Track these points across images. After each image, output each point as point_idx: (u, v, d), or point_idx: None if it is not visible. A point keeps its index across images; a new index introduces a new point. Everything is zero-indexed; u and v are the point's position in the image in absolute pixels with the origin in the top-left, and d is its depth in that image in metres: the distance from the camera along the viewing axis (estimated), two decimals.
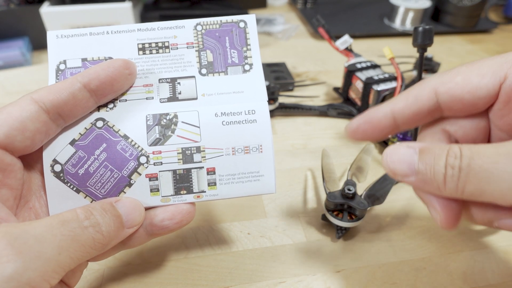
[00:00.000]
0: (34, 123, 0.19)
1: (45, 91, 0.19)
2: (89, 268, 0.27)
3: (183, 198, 0.22)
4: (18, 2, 0.55)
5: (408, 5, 0.63)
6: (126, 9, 0.53)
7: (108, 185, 0.21)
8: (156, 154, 0.22)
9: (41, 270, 0.15)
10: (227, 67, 0.23)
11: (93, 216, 0.18)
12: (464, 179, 0.16)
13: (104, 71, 0.20)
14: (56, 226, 0.16)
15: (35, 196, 0.21)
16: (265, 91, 0.23)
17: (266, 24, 0.66)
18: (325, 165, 0.32)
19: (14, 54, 0.53)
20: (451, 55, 0.59)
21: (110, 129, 0.21)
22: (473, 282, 0.26)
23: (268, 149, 0.22)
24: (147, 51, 0.23)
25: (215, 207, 0.32)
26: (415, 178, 0.18)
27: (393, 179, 0.30)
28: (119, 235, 0.19)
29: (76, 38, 0.22)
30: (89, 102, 0.20)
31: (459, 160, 0.16)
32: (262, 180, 0.22)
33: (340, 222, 0.28)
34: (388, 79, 0.40)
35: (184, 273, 0.27)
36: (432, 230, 0.30)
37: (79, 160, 0.21)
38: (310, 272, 0.27)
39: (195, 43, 0.23)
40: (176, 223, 0.21)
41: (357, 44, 0.59)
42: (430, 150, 0.18)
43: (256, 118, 0.22)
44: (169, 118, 0.22)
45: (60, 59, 0.22)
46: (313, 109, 0.44)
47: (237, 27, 0.23)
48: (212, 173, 0.22)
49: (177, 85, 0.23)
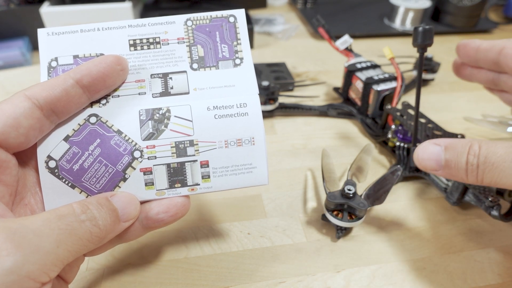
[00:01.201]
0: (27, 119, 0.19)
1: (38, 87, 0.19)
2: (89, 268, 0.27)
3: (177, 191, 0.22)
4: (18, 2, 0.55)
5: (408, 5, 0.63)
6: (126, 9, 0.53)
7: (103, 180, 0.21)
8: (150, 149, 0.22)
9: (40, 263, 0.15)
10: (218, 62, 0.23)
11: (89, 210, 0.18)
12: (482, 174, 0.21)
13: (96, 67, 0.20)
14: (53, 220, 0.17)
15: (30, 193, 0.21)
16: (256, 84, 0.23)
17: (266, 24, 0.66)
18: (325, 165, 0.32)
19: (14, 54, 0.53)
20: (451, 55, 0.59)
21: (103, 125, 0.22)
22: (473, 282, 0.26)
23: (260, 141, 0.23)
24: (139, 47, 0.23)
25: (215, 207, 0.32)
26: (443, 172, 0.23)
27: (393, 179, 0.30)
28: (115, 229, 0.20)
29: (67, 35, 0.22)
30: (82, 98, 0.20)
31: (477, 158, 0.21)
32: (255, 172, 0.23)
33: (340, 222, 0.28)
34: (388, 79, 0.40)
35: (184, 273, 0.27)
36: (432, 230, 0.30)
37: (74, 155, 0.21)
38: (310, 272, 0.27)
39: (186, 38, 0.23)
40: (171, 216, 0.21)
41: (357, 44, 0.59)
42: (454, 147, 0.22)
43: (248, 111, 0.23)
44: (162, 112, 0.22)
45: (51, 57, 0.22)
46: (313, 109, 0.44)
47: (227, 22, 0.23)
48: (205, 166, 0.22)
49: (169, 80, 0.23)
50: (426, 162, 0.23)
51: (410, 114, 0.36)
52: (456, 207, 0.32)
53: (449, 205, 0.32)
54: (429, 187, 0.34)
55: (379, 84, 0.40)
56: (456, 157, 0.22)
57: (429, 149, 0.23)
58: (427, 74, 0.49)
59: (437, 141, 0.23)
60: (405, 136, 0.36)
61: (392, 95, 0.39)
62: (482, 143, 0.21)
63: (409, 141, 0.35)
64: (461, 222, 0.31)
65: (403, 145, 0.35)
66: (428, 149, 0.23)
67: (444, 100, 0.48)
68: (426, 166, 0.23)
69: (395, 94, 0.38)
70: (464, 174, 0.21)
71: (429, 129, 0.35)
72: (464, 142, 0.22)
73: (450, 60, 0.57)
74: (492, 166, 0.20)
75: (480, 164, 0.21)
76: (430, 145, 0.23)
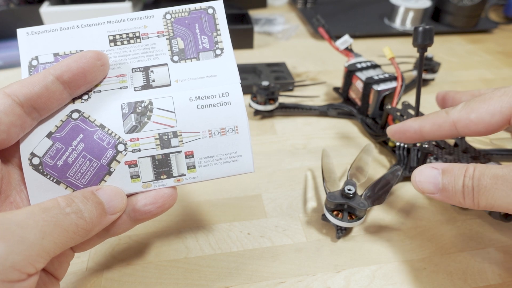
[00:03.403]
0: (8, 116, 0.19)
1: (18, 85, 0.19)
2: (89, 268, 0.27)
3: (163, 183, 0.22)
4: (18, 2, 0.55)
5: (408, 5, 0.63)
6: (126, 9, 0.53)
7: (88, 175, 0.21)
8: (133, 141, 0.22)
9: (25, 254, 0.15)
10: (198, 53, 0.23)
11: (74, 203, 0.18)
12: (477, 196, 0.20)
13: (76, 62, 0.20)
14: (37, 213, 0.17)
15: (15, 191, 0.21)
16: (238, 74, 0.23)
17: (266, 24, 0.66)
18: (325, 165, 0.32)
19: (14, 54, 0.53)
20: (451, 55, 0.59)
21: (86, 120, 0.22)
22: (473, 282, 0.26)
23: (243, 130, 0.23)
24: (118, 42, 0.23)
25: (215, 207, 0.32)
26: (440, 195, 0.22)
27: (393, 179, 0.30)
28: (102, 222, 0.20)
29: (47, 34, 0.22)
30: (63, 94, 0.20)
31: (471, 180, 0.21)
32: (240, 160, 0.23)
33: (340, 222, 0.28)
34: (388, 79, 0.40)
35: (184, 273, 0.27)
36: (432, 230, 0.30)
37: (57, 152, 0.21)
38: (310, 272, 0.27)
39: (166, 32, 0.23)
40: (159, 207, 0.22)
41: (357, 44, 0.59)
42: (451, 171, 0.22)
43: (230, 100, 0.23)
44: (144, 105, 0.22)
45: (32, 56, 0.22)
46: (313, 109, 0.44)
47: (205, 14, 0.24)
48: (190, 157, 0.22)
49: (150, 73, 0.23)
50: (424, 185, 0.23)
51: (410, 114, 0.36)
52: (456, 207, 0.32)
53: (449, 205, 0.32)
54: None
55: (379, 84, 0.40)
56: (453, 180, 0.21)
57: (426, 172, 0.23)
58: (427, 74, 0.49)
59: (434, 165, 0.23)
60: None
61: (392, 95, 0.39)
62: (477, 166, 0.21)
63: None
64: (461, 222, 0.31)
65: (403, 145, 0.35)
66: (425, 173, 0.23)
67: None
68: (424, 189, 0.23)
69: (395, 94, 0.38)
70: (461, 197, 0.21)
71: None
72: (460, 165, 0.22)
73: (450, 60, 0.58)
74: (485, 188, 0.20)
75: (474, 187, 0.20)
76: (427, 168, 0.23)
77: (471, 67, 0.56)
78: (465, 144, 0.33)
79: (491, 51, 0.60)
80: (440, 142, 0.33)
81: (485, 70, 0.55)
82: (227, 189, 0.33)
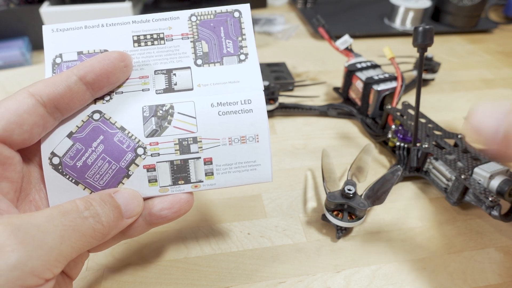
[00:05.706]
0: (31, 116, 0.19)
1: (41, 84, 0.19)
2: (89, 268, 0.27)
3: (181, 188, 0.22)
4: (18, 2, 0.55)
5: (408, 5, 0.63)
6: (126, 9, 0.53)
7: (106, 177, 0.21)
8: (153, 145, 0.22)
9: (44, 259, 0.15)
10: (222, 57, 0.23)
11: (92, 206, 0.18)
12: None
13: (100, 63, 0.20)
14: (56, 216, 0.17)
15: (35, 189, 0.21)
16: (261, 81, 0.23)
17: (266, 24, 0.66)
18: (325, 165, 0.32)
19: (14, 54, 0.53)
20: (451, 55, 0.59)
21: (106, 121, 0.22)
22: (473, 282, 0.26)
23: (264, 139, 0.22)
24: (142, 43, 0.23)
25: (215, 207, 0.32)
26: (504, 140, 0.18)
27: (393, 179, 0.30)
28: (118, 225, 0.20)
29: (71, 32, 0.22)
30: (86, 94, 0.20)
31: None
32: (258, 169, 0.23)
33: (340, 222, 0.28)
34: (388, 79, 0.40)
35: (184, 273, 0.27)
36: (432, 230, 0.30)
37: (77, 152, 0.21)
38: (310, 272, 0.27)
39: (190, 34, 0.23)
40: (175, 212, 0.21)
41: (357, 44, 0.59)
42: None
43: (252, 107, 0.22)
44: (165, 109, 0.22)
45: (56, 53, 0.22)
46: (313, 109, 0.43)
47: (231, 17, 0.23)
48: (209, 163, 0.22)
49: (172, 76, 0.23)
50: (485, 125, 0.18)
51: (410, 114, 0.36)
52: (456, 207, 0.32)
53: (449, 205, 0.32)
54: (429, 187, 0.34)
55: (379, 84, 0.40)
56: None
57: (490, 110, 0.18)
58: (427, 74, 0.49)
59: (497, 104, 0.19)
60: (405, 136, 0.35)
61: (392, 95, 0.39)
62: None
63: (409, 141, 0.35)
64: (461, 222, 0.31)
65: (403, 145, 0.35)
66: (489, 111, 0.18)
67: (444, 100, 0.48)
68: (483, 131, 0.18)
69: (395, 94, 0.38)
70: None
71: (429, 129, 0.35)
72: None
73: (450, 60, 0.58)
74: None
75: None
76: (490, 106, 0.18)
77: (471, 67, 0.56)
78: (465, 144, 0.33)
79: (491, 51, 0.60)
80: (440, 142, 0.33)
81: (485, 70, 0.55)
82: (227, 189, 0.33)
